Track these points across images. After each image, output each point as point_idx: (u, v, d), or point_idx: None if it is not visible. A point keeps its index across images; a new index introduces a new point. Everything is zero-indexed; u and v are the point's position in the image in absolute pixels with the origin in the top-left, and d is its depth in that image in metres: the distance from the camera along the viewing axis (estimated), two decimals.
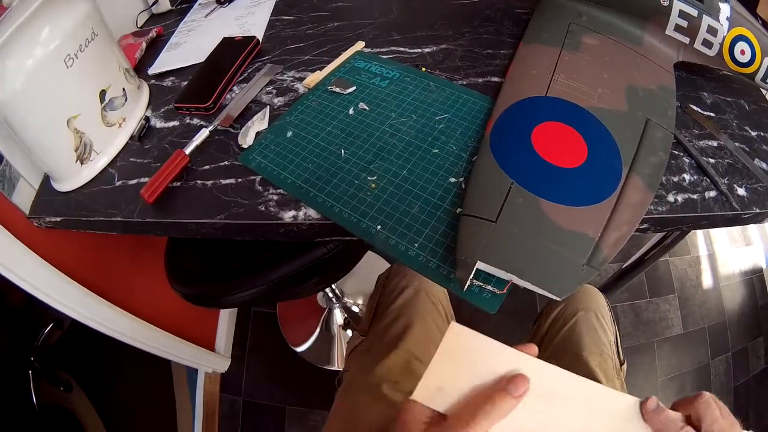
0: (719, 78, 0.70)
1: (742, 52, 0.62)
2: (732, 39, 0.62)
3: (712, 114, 0.64)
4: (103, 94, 0.66)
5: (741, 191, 0.56)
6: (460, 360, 0.38)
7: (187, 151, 0.63)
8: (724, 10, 0.61)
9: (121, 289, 0.97)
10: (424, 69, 0.70)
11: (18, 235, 0.67)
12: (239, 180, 0.61)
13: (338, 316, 1.54)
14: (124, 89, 0.70)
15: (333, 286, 1.46)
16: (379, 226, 0.52)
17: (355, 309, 1.54)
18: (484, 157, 0.53)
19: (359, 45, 0.76)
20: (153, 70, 0.83)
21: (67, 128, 0.62)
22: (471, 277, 0.45)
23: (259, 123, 0.66)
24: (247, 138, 0.64)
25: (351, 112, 0.65)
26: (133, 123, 0.72)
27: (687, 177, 0.56)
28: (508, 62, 0.69)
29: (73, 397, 1.11)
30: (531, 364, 0.38)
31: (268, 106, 0.69)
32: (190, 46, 0.87)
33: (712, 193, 0.55)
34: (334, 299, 1.51)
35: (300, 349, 1.51)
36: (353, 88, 0.67)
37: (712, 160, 0.58)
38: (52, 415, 1.07)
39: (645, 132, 0.55)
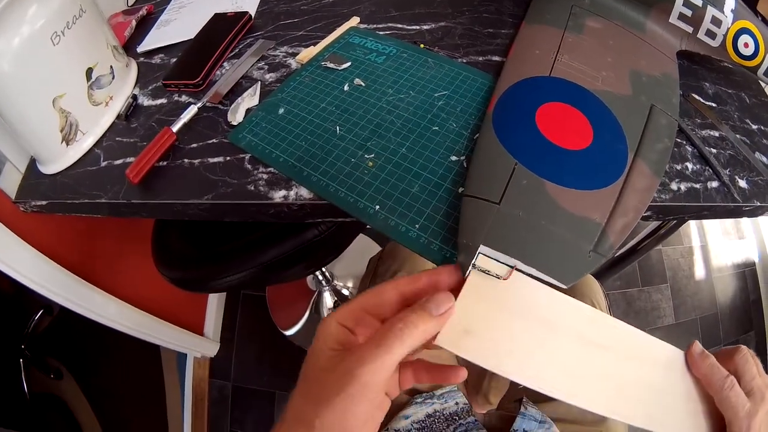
0: (720, 69, 0.69)
1: (746, 45, 0.61)
2: (736, 31, 0.61)
3: (713, 104, 0.63)
4: (89, 72, 0.64)
5: (742, 183, 0.55)
6: (489, 298, 0.35)
7: (175, 128, 0.61)
8: (729, 1, 0.61)
9: (109, 274, 0.96)
10: (422, 45, 0.68)
11: (4, 221, 0.66)
12: (228, 158, 0.59)
13: (328, 299, 1.53)
14: (111, 67, 0.68)
15: (323, 269, 1.45)
16: (377, 206, 0.50)
17: (345, 292, 1.53)
18: (487, 135, 0.51)
19: (354, 20, 0.73)
20: (142, 48, 0.80)
21: (53, 108, 0.60)
22: (473, 261, 0.43)
23: (250, 99, 0.63)
24: (236, 115, 0.61)
25: (346, 88, 0.62)
26: (120, 101, 0.70)
27: (690, 166, 0.55)
28: (509, 42, 0.67)
29: (63, 385, 1.11)
30: (571, 306, 0.36)
31: (259, 82, 0.66)
32: (180, 23, 0.84)
33: (715, 184, 0.54)
34: (323, 282, 1.50)
35: (289, 332, 1.50)
36: (348, 63, 0.65)
37: (714, 150, 0.57)
38: (44, 403, 1.07)
39: (650, 118, 0.54)
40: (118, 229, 1.01)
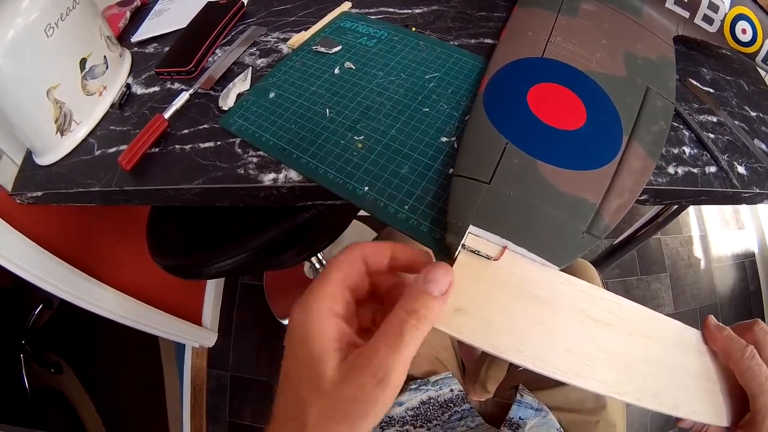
0: (718, 56, 0.68)
1: (744, 31, 0.60)
2: (734, 17, 0.60)
3: (711, 90, 0.62)
4: (83, 62, 0.64)
5: (741, 169, 0.54)
6: (481, 277, 0.34)
7: (166, 115, 0.61)
8: None
9: (107, 265, 0.96)
10: (414, 29, 0.67)
11: (1, 214, 0.66)
12: (218, 143, 0.58)
13: None
14: (105, 57, 0.68)
15: (320, 256, 1.45)
16: (366, 188, 0.49)
17: None
18: (478, 115, 0.50)
19: (346, 5, 0.73)
20: (136, 38, 0.80)
21: (47, 99, 0.60)
22: (463, 241, 0.42)
23: (241, 84, 0.63)
24: (228, 100, 0.61)
25: (336, 71, 0.62)
26: (114, 91, 0.70)
27: (687, 150, 0.54)
28: (502, 25, 0.66)
29: (63, 379, 1.11)
30: (568, 282, 0.34)
31: (251, 68, 0.66)
32: (174, 12, 0.84)
33: (713, 169, 0.53)
34: (320, 270, 1.49)
35: (287, 321, 1.49)
36: (339, 47, 0.64)
37: (712, 135, 0.56)
38: (44, 398, 1.07)
39: (645, 100, 0.53)
40: (116, 220, 1.01)
